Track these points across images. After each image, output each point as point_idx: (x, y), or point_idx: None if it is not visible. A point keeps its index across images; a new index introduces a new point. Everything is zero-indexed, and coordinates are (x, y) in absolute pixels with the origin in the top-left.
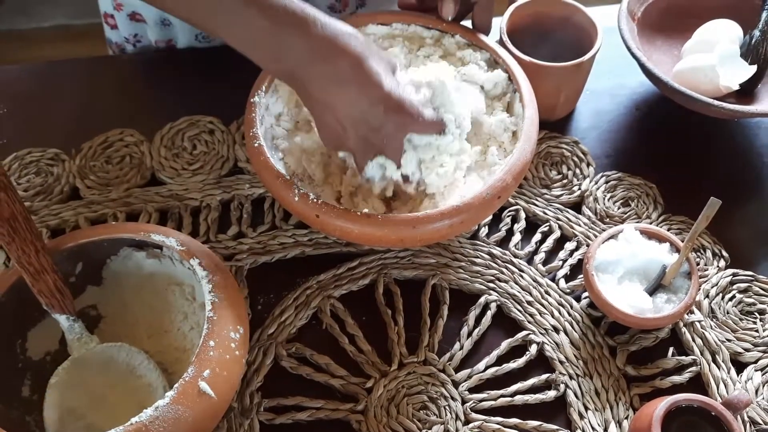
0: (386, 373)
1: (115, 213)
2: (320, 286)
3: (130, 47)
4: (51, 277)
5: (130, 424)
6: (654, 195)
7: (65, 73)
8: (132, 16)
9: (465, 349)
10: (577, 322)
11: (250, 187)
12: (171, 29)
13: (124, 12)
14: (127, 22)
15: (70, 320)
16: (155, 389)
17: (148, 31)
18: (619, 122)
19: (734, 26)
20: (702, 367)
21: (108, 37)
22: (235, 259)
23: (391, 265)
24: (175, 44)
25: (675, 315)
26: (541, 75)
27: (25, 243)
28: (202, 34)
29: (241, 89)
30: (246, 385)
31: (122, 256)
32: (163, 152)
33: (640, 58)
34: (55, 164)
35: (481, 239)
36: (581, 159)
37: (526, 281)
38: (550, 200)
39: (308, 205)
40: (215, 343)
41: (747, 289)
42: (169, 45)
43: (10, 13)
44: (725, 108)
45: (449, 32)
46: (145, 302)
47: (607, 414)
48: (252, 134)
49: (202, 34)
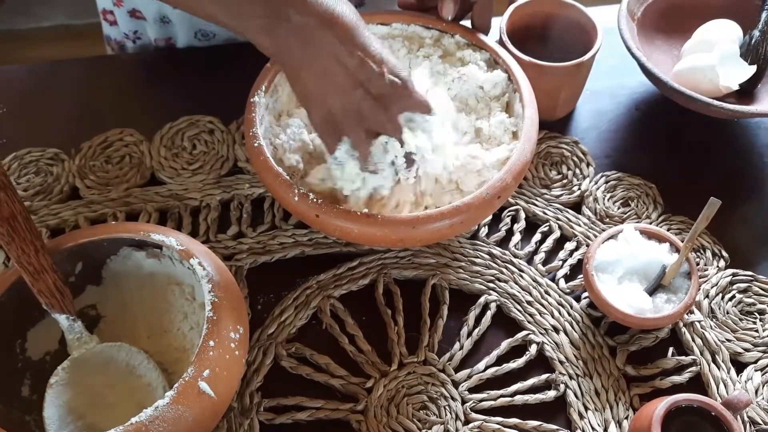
0: (386, 373)
1: (115, 213)
2: (320, 286)
3: (129, 44)
4: (51, 276)
5: (130, 424)
6: (654, 195)
7: (65, 72)
8: (132, 13)
9: (465, 349)
10: (577, 322)
11: (250, 186)
12: (170, 27)
13: (124, 8)
14: (126, 18)
15: (69, 320)
16: (155, 389)
17: (148, 28)
18: (618, 122)
19: (734, 26)
20: (702, 367)
21: (106, 33)
22: (234, 259)
23: (391, 265)
24: (175, 42)
25: (675, 315)
26: (541, 75)
27: (24, 242)
28: (201, 32)
29: (241, 89)
30: (246, 385)
31: (122, 256)
32: (163, 152)
33: (640, 58)
34: (54, 164)
35: (481, 239)
36: (581, 159)
37: (526, 281)
38: (550, 200)
39: (308, 205)
40: (215, 343)
41: (747, 289)
42: (168, 43)
43: (9, 13)
44: (725, 108)
45: (449, 32)
46: (145, 302)
47: (607, 414)
48: (252, 134)
49: (201, 32)
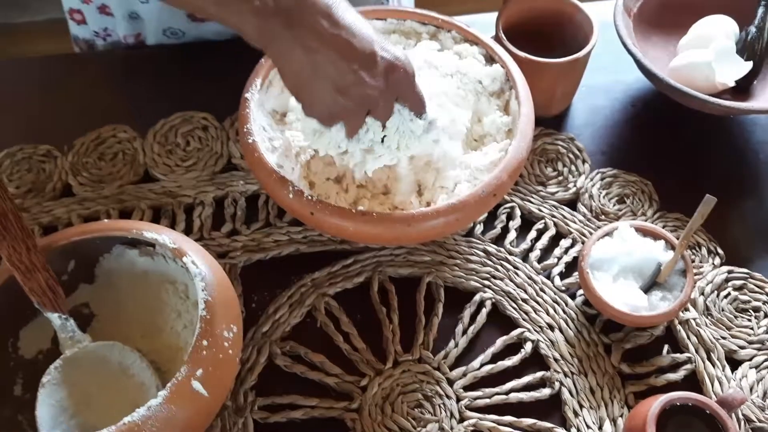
0: (381, 371)
1: (108, 210)
2: (315, 283)
3: (100, 41)
4: (42, 275)
5: (123, 423)
6: (649, 192)
7: (57, 68)
8: (101, 9)
9: (460, 347)
10: (572, 320)
11: (245, 183)
12: (139, 23)
13: (93, 5)
14: (96, 15)
15: (62, 319)
16: (148, 389)
17: (117, 25)
18: (614, 118)
19: (730, 22)
20: (697, 365)
21: (74, 33)
22: (229, 257)
23: (386, 263)
24: (144, 39)
25: (670, 313)
26: (537, 71)
27: (15, 241)
28: (171, 30)
29: (235, 85)
30: (240, 383)
31: (115, 254)
32: (157, 149)
33: (636, 54)
34: (47, 161)
35: (477, 236)
36: (577, 156)
37: (521, 279)
38: (546, 197)
39: (302, 203)
40: (208, 343)
41: (742, 286)
42: (137, 40)
43: (4, 6)
44: (721, 105)
45: (445, 28)
46: (139, 300)
47: (601, 412)
48: (246, 130)
49: (170, 30)
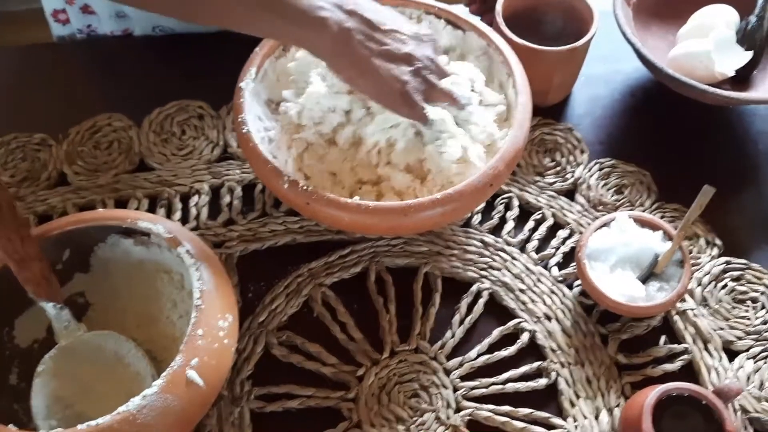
0: (378, 361)
1: (104, 199)
2: (311, 273)
3: (84, 37)
4: (37, 265)
5: (118, 413)
6: (647, 182)
7: (52, 56)
8: (84, 9)
9: (457, 337)
10: (569, 310)
11: (241, 173)
12: (127, 21)
13: (76, 5)
14: (79, 15)
15: (56, 308)
16: (143, 378)
17: (101, 23)
18: (613, 108)
19: (730, 11)
20: (694, 356)
21: (57, 35)
22: (225, 247)
23: (383, 253)
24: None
25: (667, 303)
26: (535, 59)
27: (9, 230)
28: (160, 27)
29: (231, 73)
30: (236, 373)
31: (110, 243)
32: (152, 137)
33: (635, 43)
34: (42, 149)
35: (474, 227)
36: (575, 146)
37: (519, 269)
38: (543, 188)
39: (298, 193)
40: (204, 332)
41: (740, 277)
42: (125, 34)
43: None
44: (720, 95)
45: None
46: (134, 290)
47: (598, 402)
48: (240, 120)
49: (159, 27)
